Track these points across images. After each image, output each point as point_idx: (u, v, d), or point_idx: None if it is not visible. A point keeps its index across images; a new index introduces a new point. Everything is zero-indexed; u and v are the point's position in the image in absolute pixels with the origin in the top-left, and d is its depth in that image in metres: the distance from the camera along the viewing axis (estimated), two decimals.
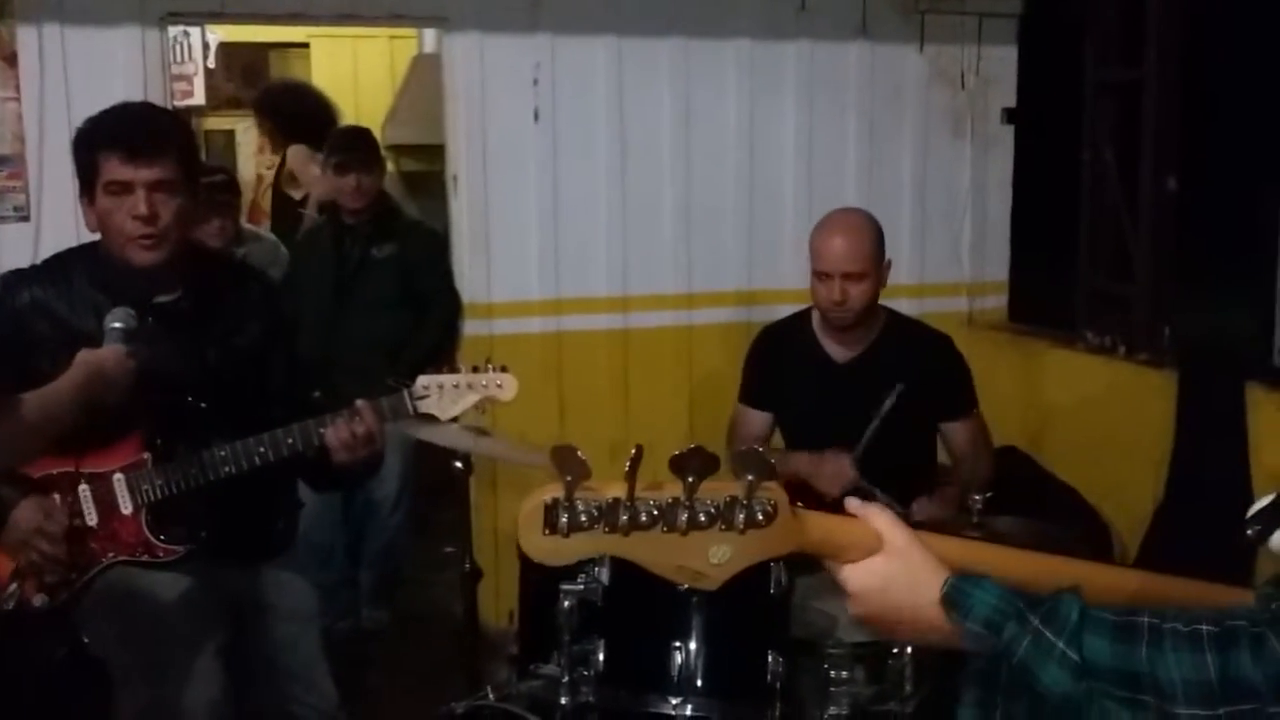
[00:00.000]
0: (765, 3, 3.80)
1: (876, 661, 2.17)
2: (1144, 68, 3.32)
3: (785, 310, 3.20)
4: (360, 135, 3.81)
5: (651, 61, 3.75)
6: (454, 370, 2.19)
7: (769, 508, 1.02)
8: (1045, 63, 3.90)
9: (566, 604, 2.12)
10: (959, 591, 1.03)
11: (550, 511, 0.98)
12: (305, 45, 6.28)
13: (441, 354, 3.44)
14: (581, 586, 2.09)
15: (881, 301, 2.85)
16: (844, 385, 2.86)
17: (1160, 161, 3.30)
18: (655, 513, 0.99)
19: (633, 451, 0.97)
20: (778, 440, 3.04)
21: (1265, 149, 2.97)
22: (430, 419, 2.19)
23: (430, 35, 5.21)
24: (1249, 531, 1.28)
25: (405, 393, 2.14)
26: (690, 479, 0.98)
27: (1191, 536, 2.92)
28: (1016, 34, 4.02)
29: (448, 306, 3.63)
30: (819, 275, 2.77)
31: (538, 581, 2.27)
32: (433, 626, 3.66)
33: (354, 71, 6.15)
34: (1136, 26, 3.37)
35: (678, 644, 2.05)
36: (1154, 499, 3.21)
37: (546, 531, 0.98)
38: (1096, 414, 3.52)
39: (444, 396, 2.15)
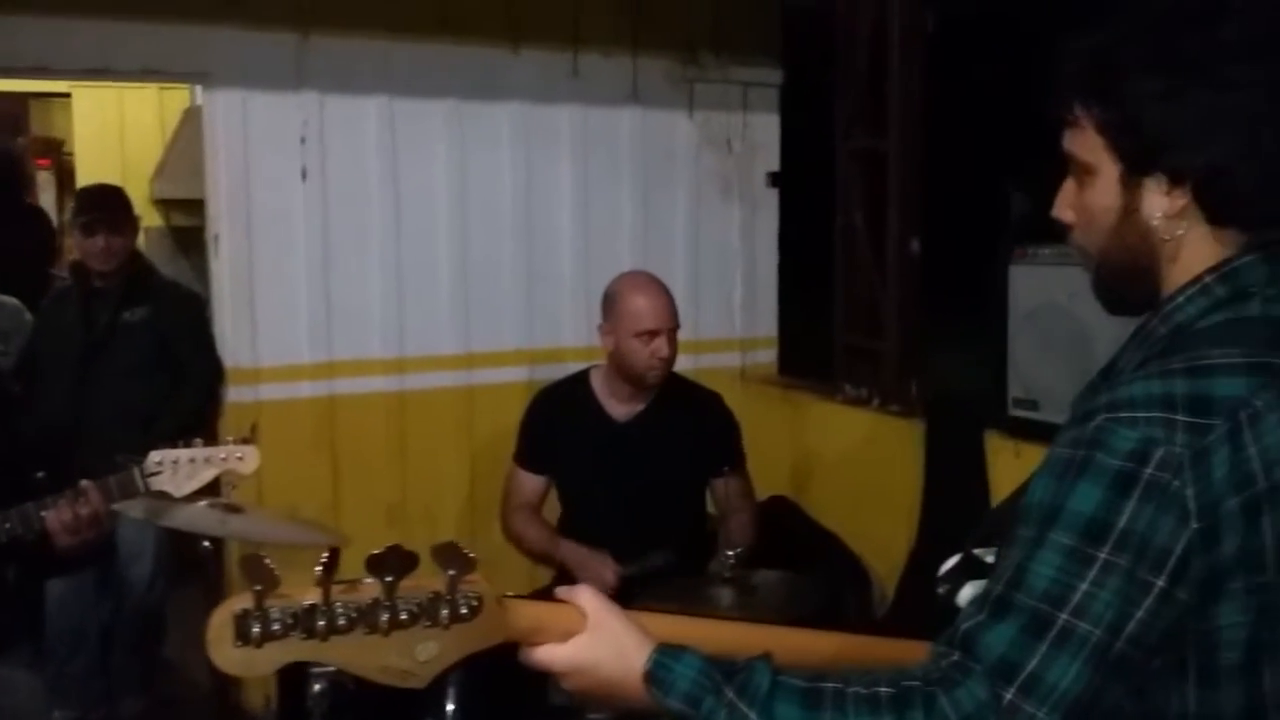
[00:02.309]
0: (537, 68, 3.87)
1: None
2: (887, 137, 3.56)
3: (566, 368, 3.24)
4: (108, 194, 3.62)
5: (425, 122, 3.74)
6: (190, 445, 2.09)
7: (473, 602, 1.02)
8: (803, 130, 4.13)
9: (317, 687, 2.05)
10: (661, 667, 1.05)
11: (241, 622, 0.94)
12: (68, 95, 5.94)
13: (201, 423, 3.28)
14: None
15: None
16: (623, 445, 2.91)
17: (904, 225, 3.54)
18: (354, 615, 0.97)
19: (325, 556, 0.95)
20: (552, 500, 3.06)
21: (995, 214, 3.23)
22: (164, 497, 2.07)
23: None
24: (939, 590, 1.36)
25: (135, 470, 2.03)
26: (389, 579, 0.97)
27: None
28: (778, 103, 4.25)
29: (207, 372, 3.48)
30: (643, 335, 2.82)
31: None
32: (191, 712, 3.46)
33: (120, 123, 5.85)
34: (881, 98, 3.62)
35: None
36: (908, 544, 3.39)
37: (238, 643, 0.95)
38: (855, 464, 3.71)
39: (178, 472, 2.05)
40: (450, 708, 2.04)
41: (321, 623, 0.96)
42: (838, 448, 3.80)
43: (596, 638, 1.09)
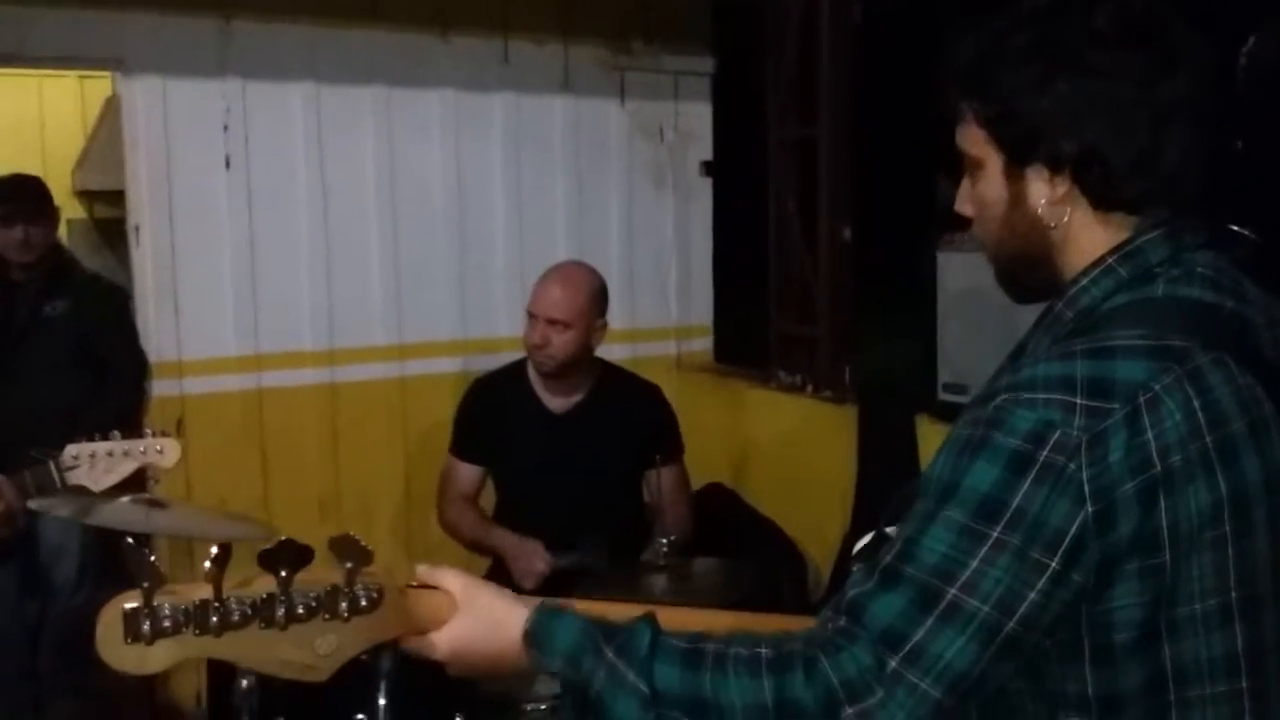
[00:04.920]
0: (467, 54, 3.83)
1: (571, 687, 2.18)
2: (818, 126, 3.58)
3: (501, 358, 3.21)
4: (26, 184, 3.50)
5: (353, 109, 3.69)
6: (108, 438, 2.04)
7: (374, 593, 1.01)
8: (736, 119, 4.14)
9: (244, 683, 2.02)
10: (540, 626, 1.05)
11: (130, 619, 0.92)
12: None
13: (126, 418, 3.20)
14: None
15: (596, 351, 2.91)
16: (561, 437, 2.89)
17: (835, 212, 3.56)
18: (249, 610, 0.96)
19: (214, 551, 0.93)
20: (489, 491, 3.03)
21: (923, 200, 3.25)
22: (83, 491, 2.03)
23: None
24: (854, 569, 1.37)
25: (51, 464, 1.99)
26: (284, 573, 0.95)
27: None
28: (710, 92, 4.24)
29: (131, 366, 3.40)
30: (528, 315, 2.83)
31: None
32: (122, 713, 3.38)
33: (40, 112, 5.68)
34: (811, 88, 3.63)
35: (361, 716, 1.99)
36: (842, 528, 3.42)
37: (129, 640, 0.93)
38: (790, 450, 3.73)
39: (96, 466, 2.02)
40: (382, 701, 2.01)
41: (214, 618, 0.94)
42: (773, 434, 3.82)
43: (465, 616, 1.08)
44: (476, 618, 1.08)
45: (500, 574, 2.83)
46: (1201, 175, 1.06)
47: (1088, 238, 1.08)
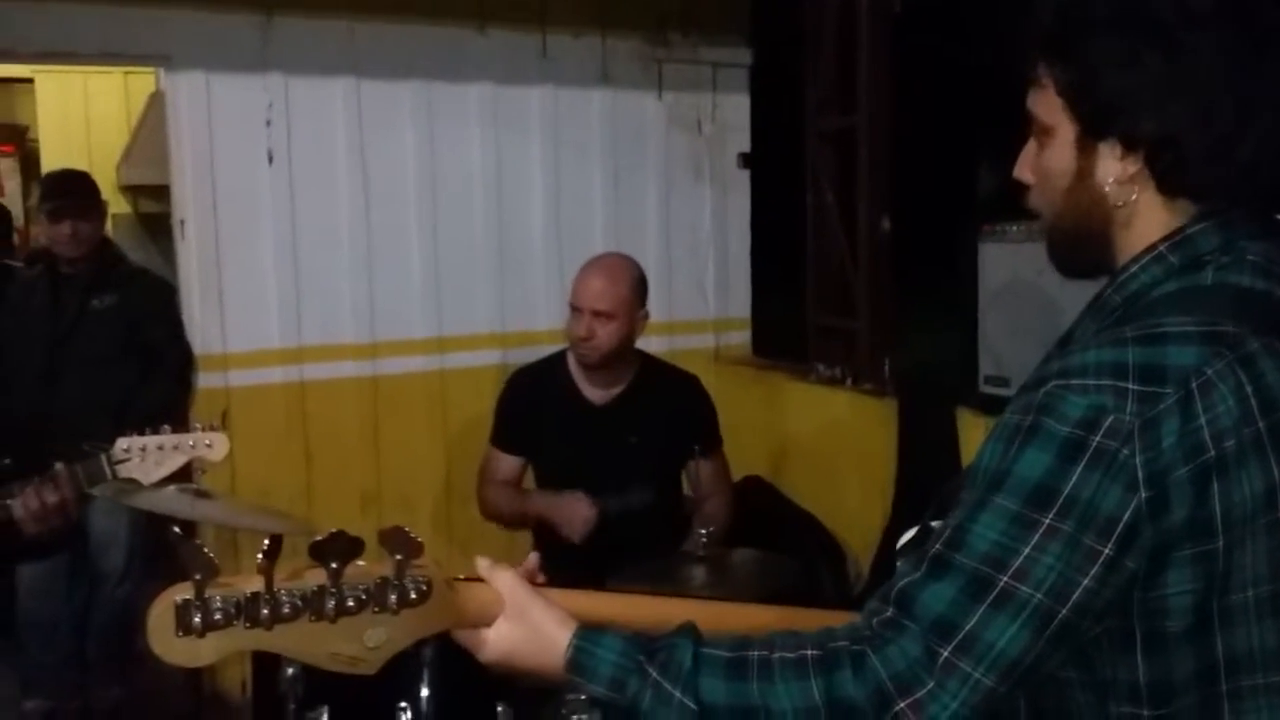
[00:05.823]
0: (506, 48, 3.84)
1: (616, 707, 2.19)
2: (857, 116, 3.55)
3: (540, 351, 3.22)
4: (75, 179, 3.56)
5: (393, 103, 3.72)
6: (159, 432, 2.07)
7: (423, 585, 1.02)
8: (774, 110, 4.11)
9: (290, 671, 2.04)
10: (582, 653, 1.04)
11: (182, 612, 0.93)
12: (30, 81, 5.86)
13: (173, 410, 3.26)
14: None
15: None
16: (601, 427, 2.89)
17: (874, 203, 3.53)
18: (299, 603, 0.96)
19: (266, 543, 0.94)
20: (529, 482, 3.05)
21: (964, 192, 3.22)
22: (133, 484, 2.06)
23: None
24: (899, 564, 1.37)
25: (103, 457, 2.02)
26: (334, 565, 0.96)
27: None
28: (748, 83, 4.22)
29: (178, 359, 3.44)
30: (572, 308, 2.84)
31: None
32: (167, 703, 3.44)
33: (85, 108, 5.78)
34: (849, 78, 3.60)
35: (404, 705, 2.00)
36: (882, 521, 3.40)
37: (180, 633, 0.94)
38: (829, 443, 3.71)
39: (146, 459, 2.04)
40: (425, 692, 2.03)
41: (265, 611, 0.95)
42: (812, 427, 3.81)
43: (516, 627, 1.08)
44: (525, 631, 1.07)
45: (546, 556, 2.83)
46: (1275, 168, 1.03)
47: (1150, 221, 1.06)
